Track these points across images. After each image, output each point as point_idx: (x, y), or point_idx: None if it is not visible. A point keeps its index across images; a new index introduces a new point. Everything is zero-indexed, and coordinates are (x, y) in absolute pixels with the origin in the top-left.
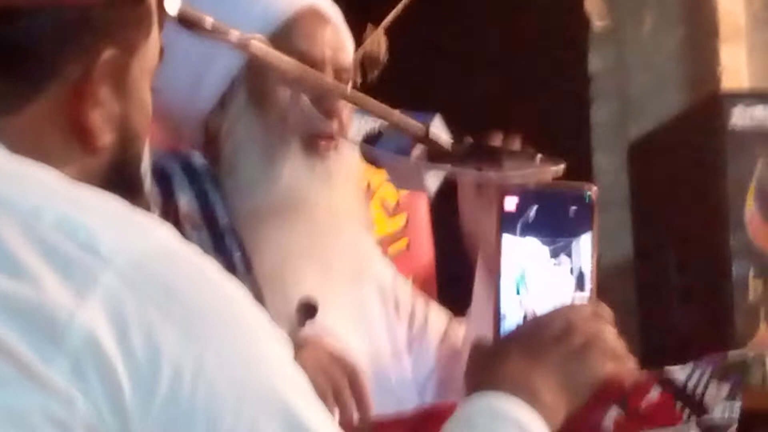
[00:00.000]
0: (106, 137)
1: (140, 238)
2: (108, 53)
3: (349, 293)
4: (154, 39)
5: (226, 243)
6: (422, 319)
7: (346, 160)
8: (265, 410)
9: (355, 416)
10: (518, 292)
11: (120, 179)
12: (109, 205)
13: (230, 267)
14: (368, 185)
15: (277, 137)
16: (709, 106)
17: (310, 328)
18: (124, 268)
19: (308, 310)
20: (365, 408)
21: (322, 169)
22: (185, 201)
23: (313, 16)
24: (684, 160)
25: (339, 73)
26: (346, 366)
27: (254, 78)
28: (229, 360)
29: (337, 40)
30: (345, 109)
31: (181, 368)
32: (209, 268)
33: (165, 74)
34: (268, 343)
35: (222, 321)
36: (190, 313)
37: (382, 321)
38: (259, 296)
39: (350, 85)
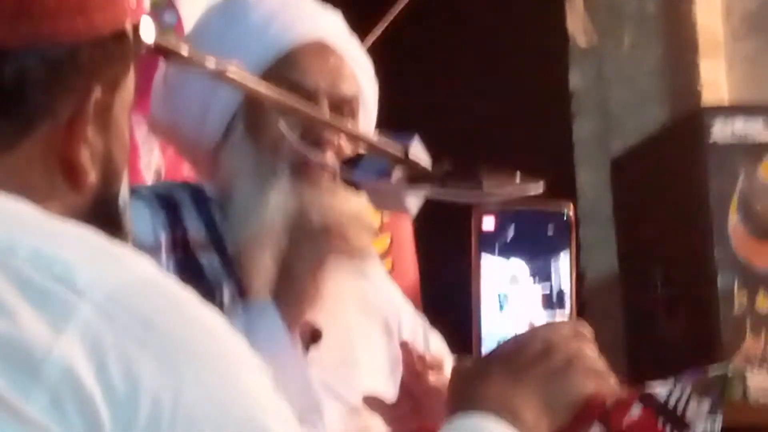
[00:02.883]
0: (92, 175)
1: (117, 270)
2: (97, 92)
3: (352, 321)
4: (132, 74)
5: (236, 269)
6: (423, 345)
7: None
8: None
9: None
10: (499, 312)
11: (101, 215)
12: (86, 238)
13: (242, 295)
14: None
15: (269, 167)
16: (690, 120)
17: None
18: (100, 300)
19: (313, 335)
20: None
21: (313, 197)
22: (194, 228)
23: (314, 49)
24: (666, 175)
25: (337, 104)
26: None
27: (250, 110)
28: (208, 390)
29: (339, 72)
30: (340, 138)
31: (160, 400)
32: (188, 298)
33: (177, 111)
34: (248, 372)
35: (200, 351)
36: (169, 344)
37: (384, 348)
38: None
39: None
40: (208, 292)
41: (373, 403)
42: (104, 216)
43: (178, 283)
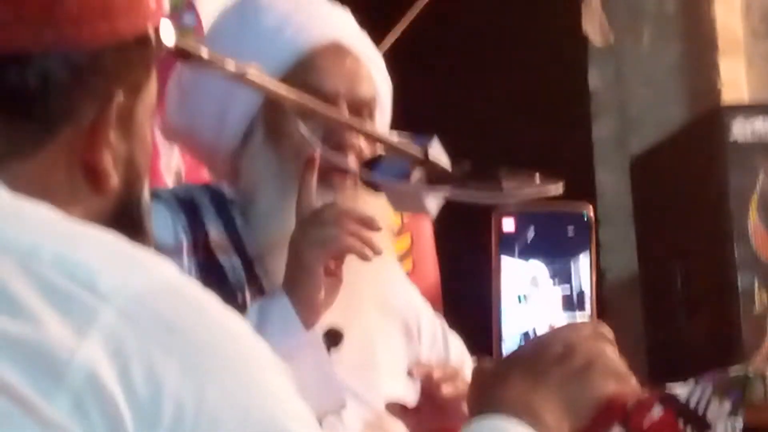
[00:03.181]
0: (114, 179)
1: (140, 274)
2: (119, 96)
3: (372, 323)
4: (154, 78)
5: (257, 270)
6: (443, 348)
7: (365, 191)
8: None
9: None
10: (518, 314)
11: (124, 218)
12: (109, 242)
13: (261, 293)
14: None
15: (291, 172)
16: (709, 119)
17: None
18: (123, 304)
19: (334, 337)
20: None
21: (338, 202)
22: (215, 230)
23: (331, 51)
24: (686, 174)
25: (357, 107)
26: None
27: (270, 115)
28: (231, 393)
29: (356, 74)
30: (360, 141)
31: (183, 403)
32: (210, 302)
33: (194, 115)
34: (271, 375)
35: (223, 355)
36: (191, 348)
37: (404, 350)
38: None
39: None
40: (230, 294)
41: (395, 409)
42: (126, 220)
43: (200, 287)
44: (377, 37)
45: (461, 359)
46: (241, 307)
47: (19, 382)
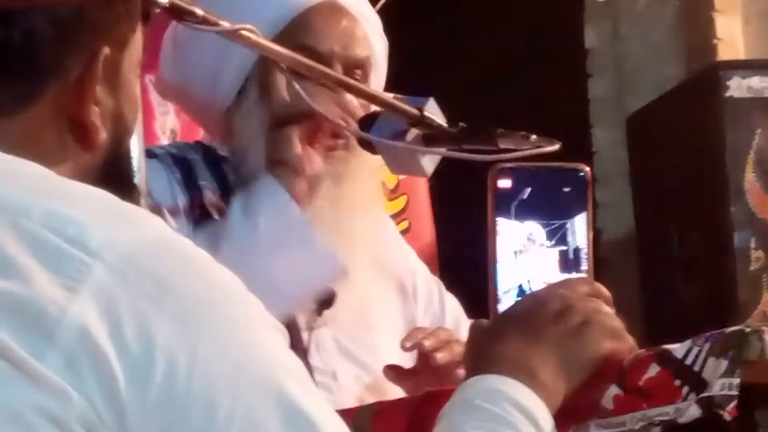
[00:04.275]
0: (102, 134)
1: (130, 230)
2: (105, 50)
3: (367, 282)
4: (139, 33)
5: None
6: (438, 307)
7: (359, 153)
8: (261, 396)
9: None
10: (514, 273)
11: (113, 174)
12: (99, 198)
13: None
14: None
15: (283, 129)
16: (705, 77)
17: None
18: (114, 261)
19: (326, 298)
20: None
21: (328, 163)
22: (209, 189)
23: (326, 10)
24: (682, 132)
25: (351, 67)
26: None
27: (264, 74)
28: (223, 348)
29: (351, 34)
30: (355, 101)
31: (176, 358)
32: (202, 257)
33: (188, 73)
34: (263, 330)
35: (215, 310)
36: (183, 303)
37: (399, 309)
38: None
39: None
40: None
41: (391, 373)
42: (116, 175)
43: (191, 243)
44: None
45: (457, 319)
46: None
47: (10, 339)
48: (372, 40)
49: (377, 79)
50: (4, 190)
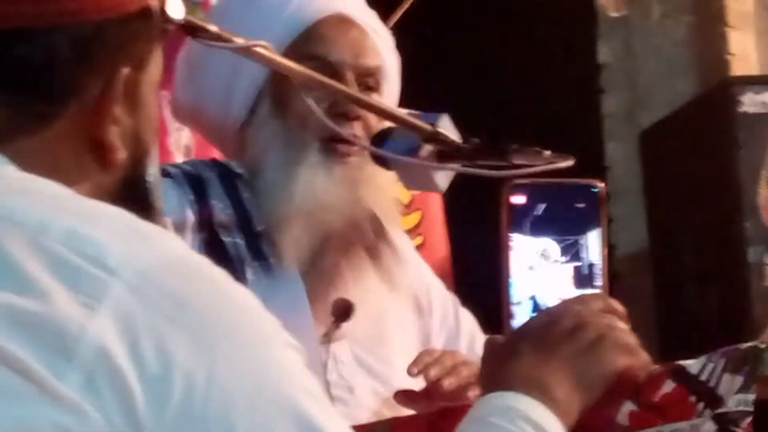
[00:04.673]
0: (121, 153)
1: (148, 249)
2: (124, 70)
3: (383, 297)
4: (159, 52)
5: (262, 249)
6: (453, 323)
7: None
8: (278, 416)
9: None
10: (528, 289)
11: (131, 193)
12: (117, 217)
13: (266, 269)
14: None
15: (297, 142)
16: (719, 92)
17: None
18: (132, 279)
19: (344, 311)
20: None
21: (343, 172)
22: (220, 207)
23: (336, 22)
24: (696, 147)
25: (362, 77)
26: None
27: (276, 87)
28: (241, 367)
29: (362, 44)
30: (369, 115)
31: (194, 377)
32: (219, 276)
33: (201, 91)
34: (280, 349)
35: (233, 329)
36: (201, 322)
37: (414, 324)
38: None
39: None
40: (231, 273)
41: (403, 398)
42: (134, 195)
43: (208, 262)
44: (384, 13)
45: (472, 335)
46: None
47: (30, 358)
48: (382, 52)
49: (390, 94)
50: (24, 208)
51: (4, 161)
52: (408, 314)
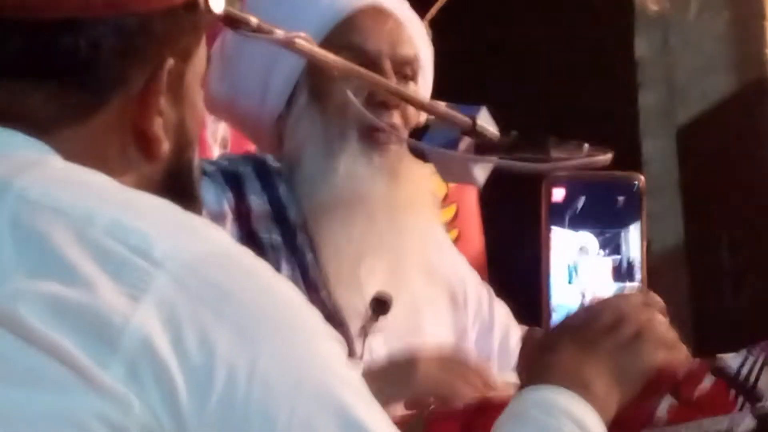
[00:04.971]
0: (165, 145)
1: (193, 241)
2: (169, 62)
3: (418, 290)
4: (203, 44)
5: (298, 242)
6: (487, 314)
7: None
8: (320, 409)
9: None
10: (569, 284)
11: (175, 185)
12: (162, 208)
13: (303, 265)
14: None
15: (336, 132)
16: (757, 88)
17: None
18: (176, 271)
19: (382, 305)
20: None
21: (382, 162)
22: (257, 203)
23: (372, 12)
24: (733, 144)
25: (399, 66)
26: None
27: (314, 77)
28: (283, 359)
29: (398, 34)
30: (408, 107)
31: (236, 369)
32: (263, 269)
33: (236, 83)
34: (322, 342)
35: (275, 321)
36: (244, 315)
37: (450, 317)
38: (332, 293)
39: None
40: None
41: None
42: (178, 186)
43: (251, 254)
44: (422, 7)
45: (506, 326)
46: None
47: (74, 348)
48: (417, 43)
49: (424, 86)
50: (69, 199)
51: (50, 151)
52: (443, 307)
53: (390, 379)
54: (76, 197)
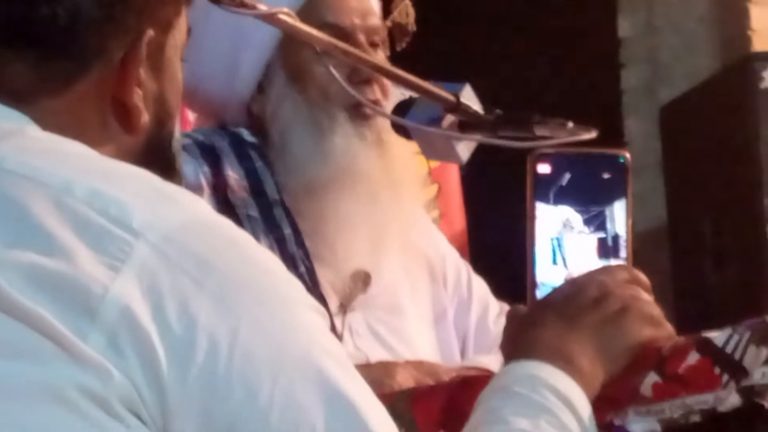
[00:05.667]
0: (145, 116)
1: (172, 210)
2: (149, 33)
3: (397, 267)
4: (184, 16)
5: (275, 216)
6: (465, 290)
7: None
8: (301, 377)
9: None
10: (554, 260)
11: (155, 157)
12: (142, 178)
13: (280, 240)
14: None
15: (323, 112)
16: (740, 68)
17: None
18: (156, 240)
19: (363, 279)
20: None
21: (374, 135)
22: (234, 177)
23: None
24: (716, 123)
25: (371, 36)
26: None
27: (290, 58)
28: (265, 329)
29: (365, 6)
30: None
31: (217, 338)
32: (244, 239)
33: (201, 63)
34: (304, 312)
35: (256, 290)
36: (225, 284)
37: (429, 294)
38: (311, 269)
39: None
40: None
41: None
42: (158, 158)
43: (232, 224)
44: None
45: (485, 302)
46: None
47: (53, 318)
48: (377, 9)
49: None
50: (48, 168)
51: (28, 121)
52: (423, 284)
53: (370, 378)
54: (54, 167)
